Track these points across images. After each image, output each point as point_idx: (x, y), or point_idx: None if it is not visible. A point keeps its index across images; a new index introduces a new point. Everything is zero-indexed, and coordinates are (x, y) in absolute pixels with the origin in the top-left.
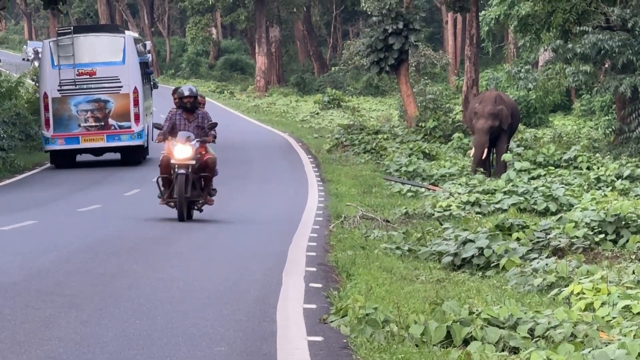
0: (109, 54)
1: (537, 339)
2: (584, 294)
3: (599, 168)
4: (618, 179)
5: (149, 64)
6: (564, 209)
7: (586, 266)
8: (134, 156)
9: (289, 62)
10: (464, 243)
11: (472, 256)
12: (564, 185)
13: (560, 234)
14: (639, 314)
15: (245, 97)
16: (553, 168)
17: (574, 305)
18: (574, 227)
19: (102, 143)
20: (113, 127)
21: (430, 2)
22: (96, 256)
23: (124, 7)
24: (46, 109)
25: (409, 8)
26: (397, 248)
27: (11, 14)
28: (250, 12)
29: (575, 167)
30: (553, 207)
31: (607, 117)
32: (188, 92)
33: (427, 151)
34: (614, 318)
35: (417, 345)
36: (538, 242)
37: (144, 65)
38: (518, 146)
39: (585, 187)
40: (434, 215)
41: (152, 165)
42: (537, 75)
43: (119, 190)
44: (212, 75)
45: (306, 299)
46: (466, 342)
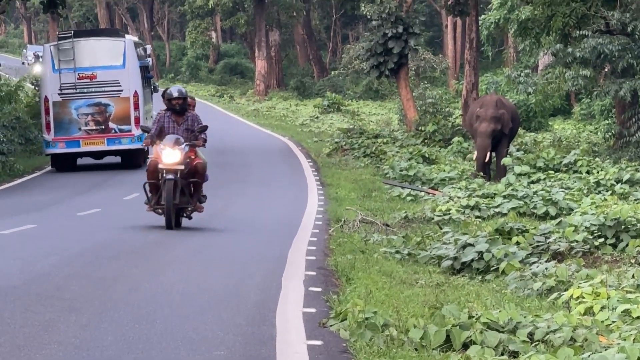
0: (109, 58)
1: (537, 343)
2: (583, 298)
3: (598, 172)
4: (618, 183)
5: (149, 68)
6: (564, 213)
7: (586, 270)
8: (134, 160)
9: (288, 66)
10: (463, 247)
11: (472, 260)
12: (563, 189)
13: (559, 238)
14: (638, 318)
15: (245, 101)
16: (553, 172)
17: (574, 309)
18: (573, 231)
19: (102, 146)
20: (113, 131)
21: (430, 6)
22: (96, 260)
23: (123, 11)
24: (47, 112)
25: (408, 12)
26: (397, 252)
27: (11, 17)
28: (250, 16)
29: (575, 171)
30: (553, 211)
31: (606, 121)
32: (177, 94)
33: (426, 155)
34: (613, 322)
35: (416, 349)
36: (538, 246)
37: (144, 69)
38: (518, 150)
39: (585, 191)
40: (433, 219)
41: None
42: (537, 79)
43: (118, 194)
44: (212, 79)
45: (306, 303)
46: (466, 346)
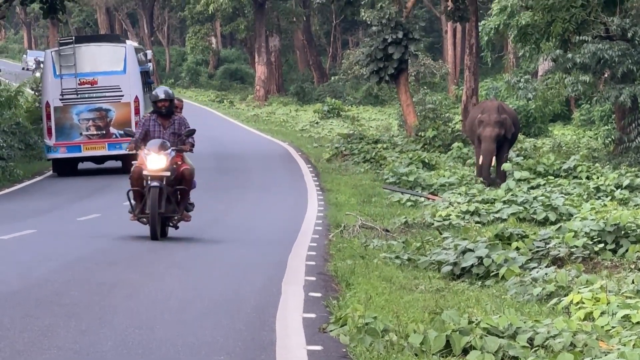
0: (110, 63)
1: (537, 348)
2: (583, 303)
3: (598, 178)
4: (617, 188)
5: (150, 73)
6: (564, 218)
7: (585, 275)
8: None
9: (288, 71)
10: (463, 252)
11: (472, 265)
12: (563, 195)
13: (559, 243)
14: (638, 323)
15: (245, 106)
16: (552, 178)
17: (574, 314)
18: (573, 237)
19: (103, 151)
20: (114, 136)
21: (429, 12)
22: (95, 266)
23: (123, 17)
24: (48, 117)
25: (408, 18)
26: (397, 257)
27: (11, 23)
28: (249, 21)
29: (574, 177)
30: (552, 216)
31: (606, 127)
32: (163, 95)
33: (426, 160)
34: (613, 327)
35: (416, 355)
36: (537, 251)
37: (144, 74)
38: (517, 156)
39: (585, 197)
40: (433, 224)
41: None
42: (537, 85)
43: (118, 199)
44: (212, 84)
45: (305, 308)
46: (465, 351)
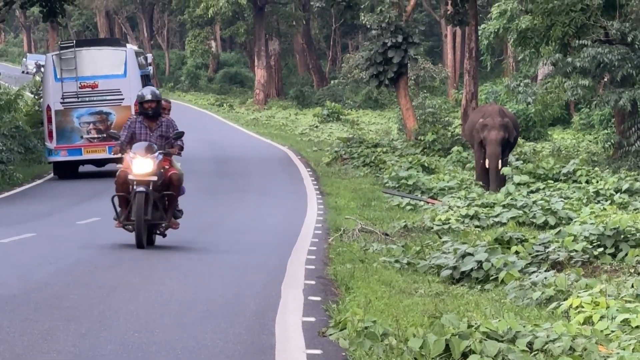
0: (110, 67)
1: (536, 352)
2: (582, 307)
3: (598, 182)
4: (617, 192)
5: (150, 77)
6: (563, 222)
7: (585, 280)
8: None
9: (288, 75)
10: (463, 256)
11: (471, 269)
12: (563, 199)
13: (559, 247)
14: (637, 327)
15: (245, 110)
16: (552, 182)
17: (573, 318)
18: (572, 241)
19: (104, 154)
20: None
21: (429, 16)
22: (95, 269)
23: (123, 20)
24: (49, 121)
25: (408, 22)
26: (396, 261)
27: (10, 26)
28: (249, 25)
29: (574, 181)
30: (552, 220)
31: (606, 131)
32: (150, 96)
33: (426, 164)
34: (612, 332)
35: (415, 359)
36: (537, 255)
37: (145, 78)
38: (517, 160)
39: (584, 201)
40: (433, 228)
41: None
42: (536, 89)
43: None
44: (212, 88)
45: (305, 312)
46: (465, 355)
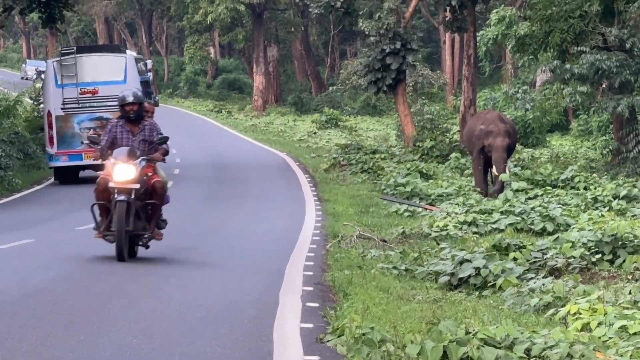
0: (110, 73)
1: (534, 359)
2: (580, 314)
3: (596, 188)
4: (615, 199)
5: (150, 83)
6: (561, 229)
7: (583, 286)
8: None
9: (286, 81)
10: (460, 263)
11: (469, 276)
12: (561, 205)
13: (557, 254)
14: (635, 334)
15: (243, 116)
16: (550, 188)
17: (571, 325)
18: (570, 247)
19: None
20: None
21: (428, 22)
22: (94, 275)
23: (122, 26)
24: (50, 126)
25: (406, 28)
26: (394, 268)
27: (9, 32)
28: (248, 31)
29: (572, 187)
30: (550, 227)
31: (604, 137)
32: (132, 98)
33: (424, 171)
34: (610, 338)
35: None
36: (535, 262)
37: (144, 84)
38: (515, 166)
39: (582, 207)
40: (431, 235)
41: None
42: (535, 95)
43: None
44: (210, 94)
45: (303, 318)
46: None
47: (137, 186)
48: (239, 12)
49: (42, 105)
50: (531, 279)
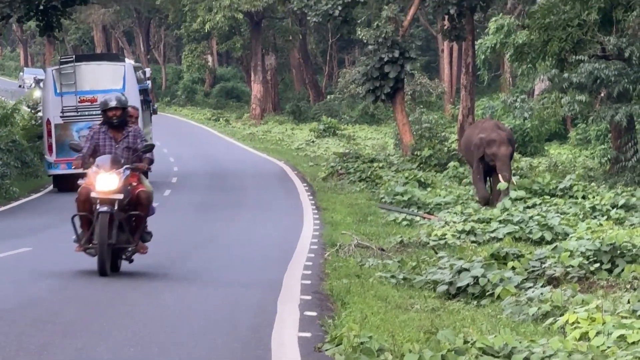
0: (109, 81)
1: None
2: (579, 323)
3: (594, 197)
4: (613, 208)
5: (148, 91)
6: (560, 238)
7: (581, 295)
8: None
9: (284, 90)
10: (459, 272)
11: (467, 285)
12: (559, 214)
13: (555, 263)
14: (634, 343)
15: (241, 124)
16: (548, 197)
17: (569, 334)
18: (569, 256)
19: None
20: None
21: (426, 31)
22: (91, 284)
23: (120, 35)
24: (49, 134)
25: (404, 37)
26: (392, 277)
27: (7, 40)
28: (246, 40)
29: (570, 196)
30: (548, 236)
31: (602, 146)
32: (114, 102)
33: (422, 180)
34: (608, 347)
35: None
36: (533, 271)
37: (143, 92)
38: (514, 175)
39: (581, 216)
40: (429, 243)
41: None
42: (533, 104)
43: None
44: (208, 102)
45: (301, 327)
46: None
47: (121, 196)
48: (237, 21)
49: (40, 114)
50: (529, 288)
